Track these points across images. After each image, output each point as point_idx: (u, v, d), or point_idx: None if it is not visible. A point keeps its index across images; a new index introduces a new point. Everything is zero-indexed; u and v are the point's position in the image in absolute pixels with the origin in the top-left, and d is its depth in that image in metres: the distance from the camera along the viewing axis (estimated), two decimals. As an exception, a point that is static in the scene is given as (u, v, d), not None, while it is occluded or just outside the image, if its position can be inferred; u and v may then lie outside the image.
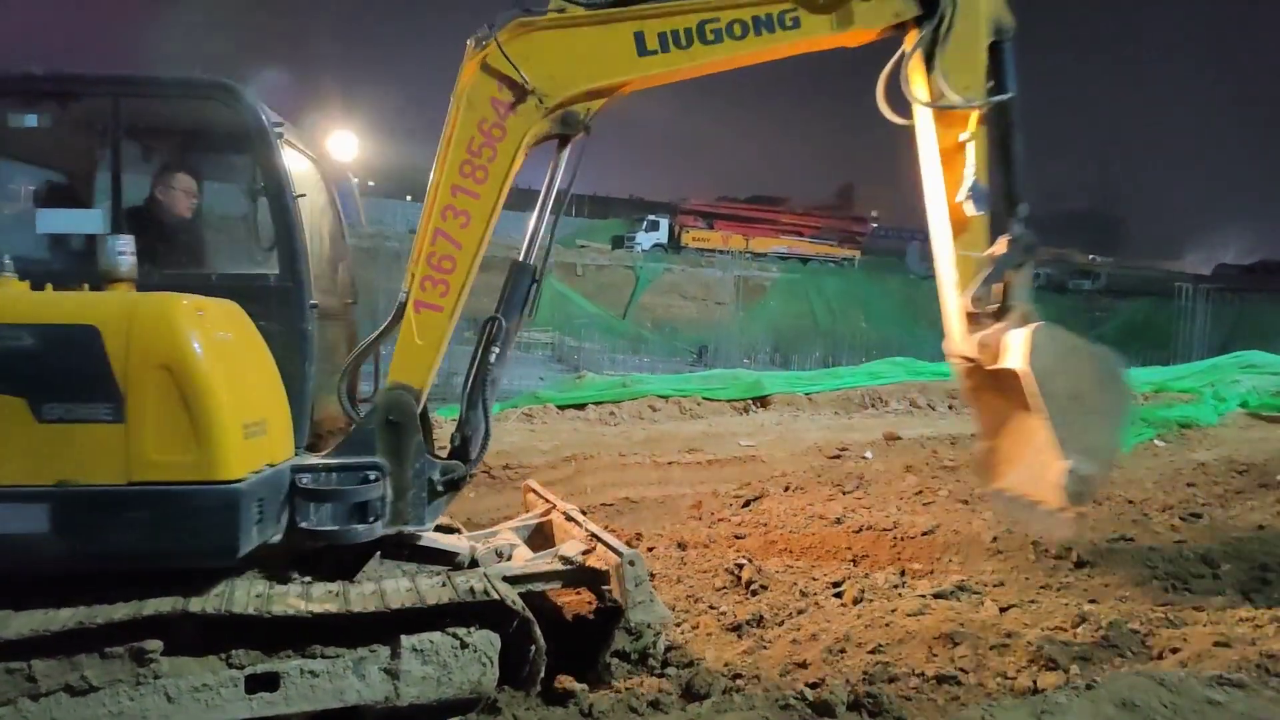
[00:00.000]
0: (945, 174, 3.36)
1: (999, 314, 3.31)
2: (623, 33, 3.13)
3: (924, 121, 3.36)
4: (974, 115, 3.29)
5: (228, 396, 2.58)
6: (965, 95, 3.27)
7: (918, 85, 3.34)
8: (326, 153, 3.90)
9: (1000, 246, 3.31)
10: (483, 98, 3.09)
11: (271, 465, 2.82)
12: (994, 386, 3.27)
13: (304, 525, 2.91)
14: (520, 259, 3.28)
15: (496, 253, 3.39)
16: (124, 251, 2.80)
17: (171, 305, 2.60)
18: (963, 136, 3.31)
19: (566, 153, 3.27)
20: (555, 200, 3.31)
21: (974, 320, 3.34)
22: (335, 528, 2.93)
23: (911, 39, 3.34)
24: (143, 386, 2.49)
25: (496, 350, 3.23)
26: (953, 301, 3.40)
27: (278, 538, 2.90)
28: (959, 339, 3.39)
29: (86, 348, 2.49)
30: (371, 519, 2.99)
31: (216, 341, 2.64)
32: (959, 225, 3.34)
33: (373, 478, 3.01)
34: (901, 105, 3.38)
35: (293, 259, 3.01)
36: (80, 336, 2.50)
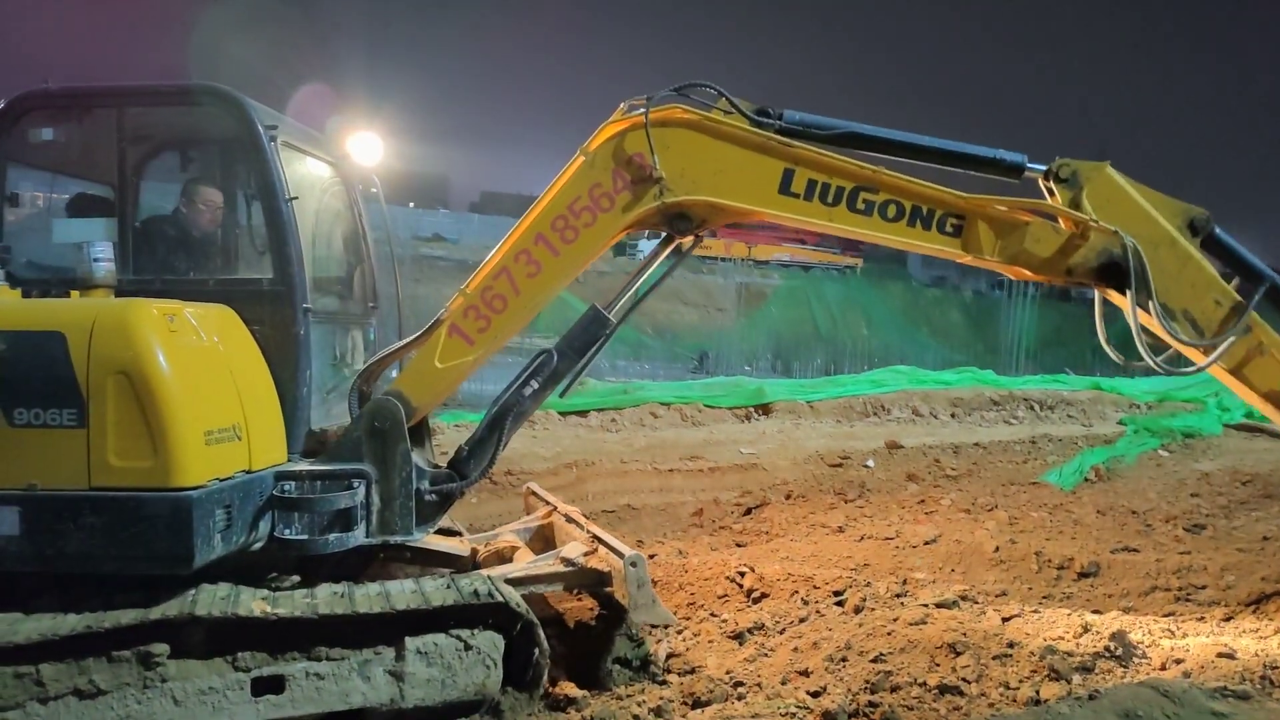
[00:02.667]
0: (1263, 389, 2.88)
1: None
2: (772, 166, 2.95)
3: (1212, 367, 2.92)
4: (1253, 323, 2.87)
5: (187, 402, 2.58)
6: (1218, 316, 2.81)
7: (1172, 342, 2.92)
8: (348, 156, 3.86)
9: None
10: (606, 164, 2.97)
11: (248, 472, 2.80)
12: None
13: (275, 534, 2.88)
14: (602, 308, 3.18)
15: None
16: (100, 258, 2.82)
17: (131, 311, 2.61)
18: (1259, 346, 2.89)
19: (671, 248, 3.18)
20: (644, 283, 3.25)
21: None
22: (306, 537, 2.90)
23: (1117, 299, 2.98)
24: (103, 392, 2.52)
25: (535, 385, 3.13)
26: None
27: (259, 545, 2.88)
28: None
29: (52, 353, 2.53)
30: (350, 528, 2.94)
31: (181, 347, 2.63)
32: None
33: (354, 485, 2.97)
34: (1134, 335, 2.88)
35: (285, 262, 3.00)
36: (47, 343, 2.54)
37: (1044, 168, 3.06)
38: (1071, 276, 2.99)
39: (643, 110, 2.92)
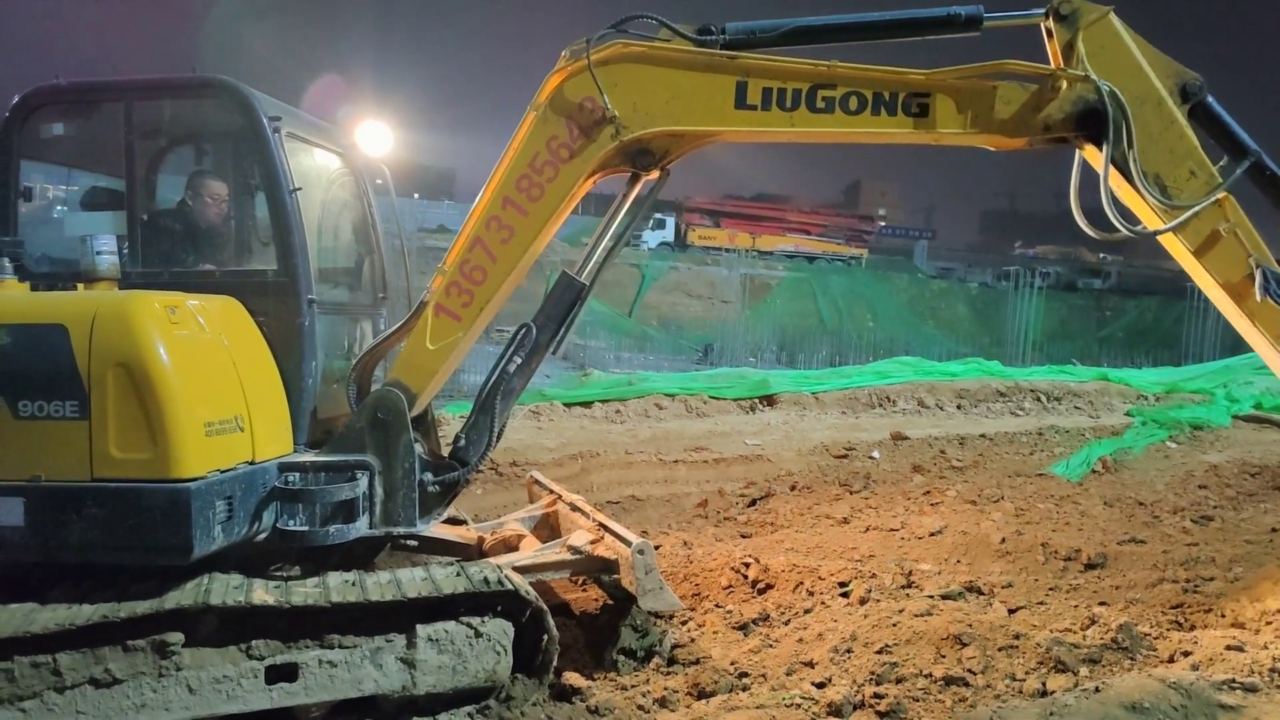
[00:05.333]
0: (1224, 279, 2.81)
1: None
2: (723, 82, 2.87)
3: (1168, 238, 2.85)
4: (1224, 199, 2.78)
5: (187, 394, 2.58)
6: (1192, 187, 2.73)
7: (1134, 205, 2.84)
8: (357, 146, 3.85)
9: None
10: (559, 114, 2.91)
11: (251, 463, 2.81)
12: None
13: (278, 525, 2.89)
14: (573, 274, 3.13)
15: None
16: (103, 251, 2.82)
17: (131, 304, 2.61)
18: (1223, 227, 2.80)
19: (636, 190, 3.09)
20: (615, 231, 3.16)
21: None
22: (307, 528, 2.91)
23: (1093, 156, 2.87)
24: (104, 384, 2.53)
25: (519, 360, 3.12)
26: None
27: (263, 536, 2.89)
28: None
29: (55, 346, 2.54)
30: (353, 520, 2.94)
31: (182, 339, 2.64)
32: (1273, 324, 2.84)
33: (357, 477, 2.97)
34: (1104, 217, 2.82)
35: (289, 253, 3.00)
36: (50, 336, 2.55)
37: (1037, 11, 2.91)
38: (1050, 132, 2.87)
39: (584, 54, 2.86)
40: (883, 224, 45.20)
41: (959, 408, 10.36)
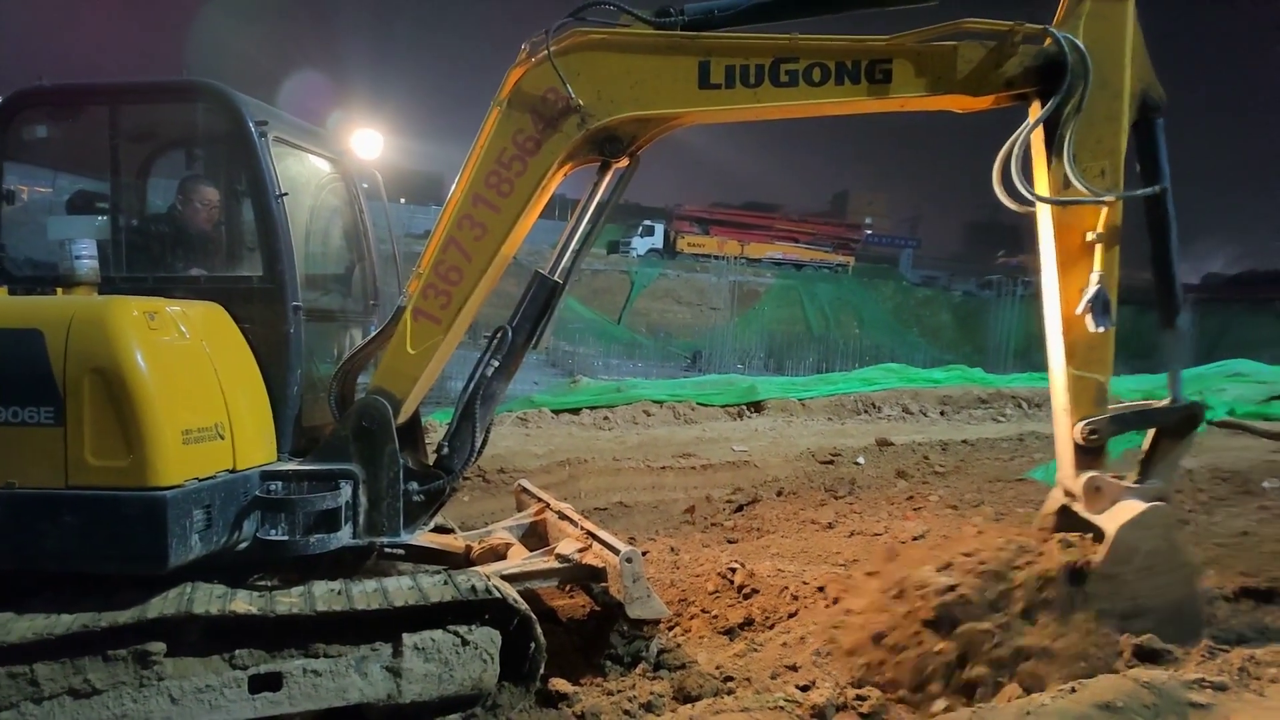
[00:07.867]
0: (1064, 279, 2.83)
1: (1142, 470, 2.91)
2: (686, 63, 2.87)
3: (1043, 214, 2.86)
4: (1106, 211, 2.77)
5: (164, 401, 2.54)
6: (1097, 185, 2.74)
7: (1039, 170, 2.85)
8: (349, 151, 3.83)
9: (1162, 401, 2.89)
10: (523, 107, 2.89)
11: (232, 471, 2.78)
12: (1070, 526, 2.92)
13: (258, 535, 2.86)
14: (545, 273, 3.11)
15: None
16: (82, 255, 2.79)
17: (109, 309, 2.58)
18: (1090, 236, 2.79)
19: (607, 179, 3.07)
20: (587, 225, 3.13)
21: (1085, 455, 2.87)
22: (288, 538, 2.87)
23: (1035, 113, 2.86)
24: (79, 390, 2.49)
25: (497, 364, 3.10)
26: (1063, 428, 2.95)
27: (244, 545, 2.86)
28: (1066, 473, 2.97)
29: (30, 352, 2.50)
30: (335, 529, 2.91)
31: (161, 345, 2.60)
32: (1076, 340, 2.85)
33: (339, 486, 2.94)
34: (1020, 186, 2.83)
35: (274, 260, 2.97)
36: (25, 341, 2.51)
37: None
38: (1013, 88, 2.87)
39: (544, 45, 2.86)
40: (869, 232, 45.69)
41: (942, 414, 10.51)
